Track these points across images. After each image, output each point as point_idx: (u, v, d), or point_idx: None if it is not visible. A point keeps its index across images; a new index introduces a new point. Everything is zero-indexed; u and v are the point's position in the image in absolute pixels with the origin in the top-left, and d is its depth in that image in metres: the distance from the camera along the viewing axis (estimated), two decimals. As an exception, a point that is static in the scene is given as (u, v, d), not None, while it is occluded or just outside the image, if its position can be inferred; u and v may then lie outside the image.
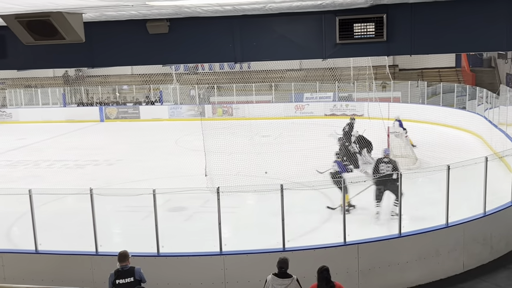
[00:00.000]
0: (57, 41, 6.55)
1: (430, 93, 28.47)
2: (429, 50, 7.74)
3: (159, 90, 34.29)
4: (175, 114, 31.57)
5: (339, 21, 7.04)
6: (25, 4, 5.58)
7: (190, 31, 7.57)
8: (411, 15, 7.10)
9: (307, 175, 16.14)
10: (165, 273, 9.24)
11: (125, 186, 15.14)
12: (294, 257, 8.10)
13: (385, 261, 9.57)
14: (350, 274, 9.29)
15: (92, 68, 8.48)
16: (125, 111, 32.56)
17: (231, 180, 14.40)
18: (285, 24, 7.44)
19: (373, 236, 9.82)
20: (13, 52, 8.18)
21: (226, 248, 9.33)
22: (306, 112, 29.86)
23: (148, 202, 9.57)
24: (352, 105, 29.40)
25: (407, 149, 17.34)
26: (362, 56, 8.04)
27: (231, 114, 30.66)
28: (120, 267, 7.59)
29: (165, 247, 9.48)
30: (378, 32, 6.97)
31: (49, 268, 9.57)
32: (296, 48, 7.50)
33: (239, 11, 6.96)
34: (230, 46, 7.65)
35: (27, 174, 18.62)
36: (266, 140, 21.31)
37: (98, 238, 9.54)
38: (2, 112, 34.06)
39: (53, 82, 37.78)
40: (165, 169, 18.05)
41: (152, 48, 7.70)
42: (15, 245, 11.19)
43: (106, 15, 7.03)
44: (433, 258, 9.82)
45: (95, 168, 19.16)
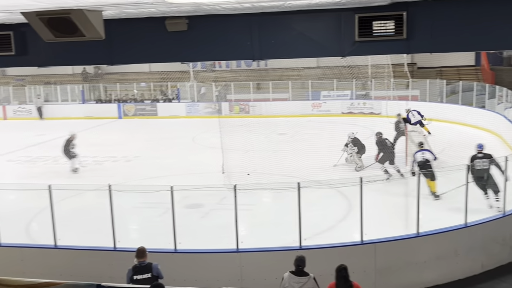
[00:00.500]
0: (77, 38, 6.61)
1: (449, 91, 28.17)
2: (449, 48, 7.66)
3: (177, 88, 34.41)
4: (192, 111, 31.67)
5: (358, 18, 6.99)
6: (46, 1, 5.64)
7: (208, 28, 7.59)
8: (432, 13, 7.03)
9: (324, 173, 16.12)
10: (182, 270, 9.29)
11: (143, 182, 15.25)
12: (311, 255, 8.10)
13: (403, 260, 9.52)
14: (367, 273, 9.25)
15: (111, 65, 8.54)
16: (143, 108, 32.73)
17: (247, 177, 14.42)
18: (303, 21, 7.42)
19: (391, 236, 9.76)
20: (33, 49, 8.27)
21: (242, 246, 9.36)
22: (323, 110, 29.73)
23: (165, 198, 9.63)
24: (370, 104, 29.22)
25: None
26: (381, 54, 7.97)
27: (248, 112, 30.66)
28: (138, 263, 7.66)
29: (182, 243, 9.54)
30: (397, 29, 6.91)
31: (67, 263, 9.69)
32: (315, 46, 7.47)
33: (257, 8, 6.96)
34: (248, 44, 7.65)
35: (47, 170, 18.84)
36: (283, 138, 21.29)
37: (116, 234, 9.62)
38: (22, 108, 34.47)
39: (72, 79, 38.12)
40: (182, 166, 18.13)
41: (170, 45, 7.72)
42: (34, 240, 11.33)
43: (125, 13, 7.07)
44: (452, 258, 9.74)
45: (113, 165, 19.31)
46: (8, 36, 8.09)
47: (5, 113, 34.30)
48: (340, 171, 16.30)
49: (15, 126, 30.11)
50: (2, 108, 34.57)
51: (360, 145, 17.04)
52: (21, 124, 31.21)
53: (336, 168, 16.81)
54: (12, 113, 34.22)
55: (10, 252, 9.97)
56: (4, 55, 8.22)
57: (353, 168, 16.79)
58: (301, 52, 7.78)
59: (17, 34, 8.10)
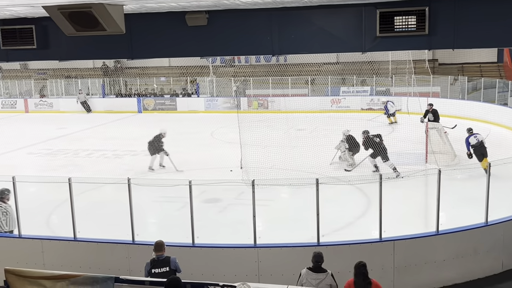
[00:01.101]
0: (98, 32, 6.66)
1: (471, 88, 27.80)
2: (472, 44, 7.56)
3: (196, 82, 34.51)
4: (211, 106, 31.74)
5: (380, 13, 6.93)
6: (68, -4, 5.68)
7: (228, 23, 7.58)
8: (454, 8, 6.94)
9: (343, 169, 16.04)
10: (200, 264, 9.32)
11: (162, 176, 15.34)
12: (329, 252, 8.06)
13: (422, 258, 9.42)
14: (385, 270, 9.18)
15: (132, 60, 8.58)
16: (162, 102, 32.89)
17: (266, 173, 14.41)
18: (324, 16, 7.37)
19: (410, 233, 9.67)
20: (55, 43, 8.36)
21: (260, 241, 9.35)
22: (342, 106, 29.56)
23: (183, 193, 9.65)
24: (390, 100, 28.96)
25: (446, 145, 17.00)
26: (402, 49, 7.90)
27: (266, 107, 30.63)
28: (156, 256, 7.70)
29: (200, 238, 9.56)
30: (419, 25, 6.84)
31: (87, 256, 9.78)
32: (335, 41, 7.42)
33: (278, 3, 6.93)
34: (268, 39, 7.63)
35: (67, 163, 19.04)
36: (302, 134, 21.23)
37: (135, 228, 9.68)
38: (44, 101, 34.89)
39: (93, 73, 38.44)
40: (201, 160, 18.18)
41: (190, 40, 7.73)
42: (54, 233, 11.45)
43: (146, 7, 7.10)
44: (471, 256, 9.62)
45: (132, 158, 19.43)
46: (30, 30, 8.19)
47: (27, 106, 34.74)
48: (337, 169, 16.11)
49: (36, 119, 30.48)
50: (24, 101, 35.02)
51: (353, 143, 16.79)
52: (42, 117, 31.58)
53: (333, 166, 16.66)
54: (33, 106, 34.66)
55: (30, 244, 10.10)
56: (26, 48, 8.32)
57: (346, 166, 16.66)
58: (321, 47, 7.74)
59: (39, 28, 8.19)
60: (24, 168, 17.52)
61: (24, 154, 20.92)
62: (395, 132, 21.66)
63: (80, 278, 6.70)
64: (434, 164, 15.29)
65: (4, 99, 36.12)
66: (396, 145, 17.68)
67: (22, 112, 34.27)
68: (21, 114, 33.94)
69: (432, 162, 15.87)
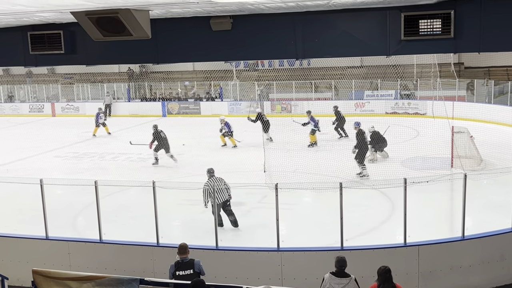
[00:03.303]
0: (124, 37, 6.76)
1: (497, 92, 27.39)
2: (498, 47, 7.47)
3: (220, 87, 34.69)
4: (235, 110, 31.86)
5: (405, 17, 6.90)
6: (95, 1, 5.79)
7: (252, 27, 7.62)
8: (480, 11, 6.87)
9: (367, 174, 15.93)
10: (223, 267, 9.36)
11: (186, 180, 15.43)
12: (352, 256, 8.03)
13: (447, 264, 9.32)
14: (410, 276, 9.10)
15: (157, 64, 8.69)
16: (187, 106, 33.13)
17: (289, 176, 14.41)
18: (348, 20, 7.37)
19: (435, 238, 9.57)
20: (82, 48, 8.51)
21: (283, 245, 9.35)
22: (366, 110, 29.37)
23: (207, 196, 9.72)
24: (415, 104, 28.72)
25: (472, 149, 16.77)
26: (427, 53, 7.83)
27: (289, 111, 30.61)
28: (180, 259, 7.76)
29: (223, 241, 9.61)
30: (445, 28, 6.79)
31: (112, 257, 9.90)
32: (359, 45, 7.41)
33: (302, 7, 6.95)
34: (292, 43, 7.65)
35: (93, 166, 19.30)
36: (325, 137, 21.18)
37: (159, 230, 9.77)
38: (70, 105, 35.42)
39: (119, 77, 38.92)
40: (224, 164, 18.25)
41: (215, 44, 7.80)
42: (80, 234, 11.63)
43: (171, 12, 7.19)
44: (498, 262, 9.47)
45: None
46: (59, 35, 8.35)
47: (54, 110, 35.34)
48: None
49: (63, 123, 30.96)
50: (51, 105, 35.63)
51: (378, 139, 17.24)
52: (69, 121, 32.06)
53: (377, 165, 16.71)
54: (60, 110, 35.24)
55: (57, 246, 10.26)
56: (54, 53, 8.48)
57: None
58: (345, 51, 7.73)
59: (67, 33, 8.34)
60: (51, 171, 17.83)
61: (51, 157, 21.26)
62: (421, 136, 21.45)
63: (106, 279, 6.80)
64: (460, 168, 15.11)
65: (32, 103, 36.78)
66: (421, 149, 17.54)
67: (49, 116, 34.86)
68: (49, 118, 34.52)
69: (458, 167, 15.68)
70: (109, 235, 10.15)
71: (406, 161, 17.46)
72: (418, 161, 17.12)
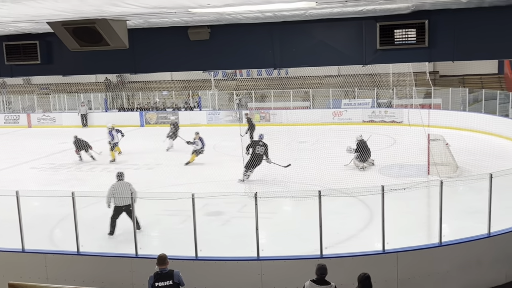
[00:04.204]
0: (101, 47, 6.73)
1: (472, 100, 27.87)
2: (471, 56, 7.63)
3: (198, 96, 34.66)
4: (213, 119, 31.84)
5: (380, 27, 7.00)
6: (72, 12, 5.76)
7: (230, 37, 7.66)
8: (454, 21, 7.01)
9: (345, 181, 16.04)
10: (203, 277, 9.32)
11: (164, 190, 15.35)
12: (332, 264, 8.06)
13: (425, 270, 9.42)
14: (388, 283, 9.17)
15: (135, 74, 8.66)
16: (165, 116, 33.00)
17: (268, 185, 14.43)
18: (325, 30, 7.45)
19: (413, 245, 9.67)
20: (59, 58, 8.44)
21: (263, 254, 9.35)
22: (344, 119, 29.62)
23: (186, 206, 9.68)
24: (391, 112, 29.05)
25: (448, 156, 17.02)
26: (403, 62, 7.97)
27: (268, 120, 30.70)
28: (159, 270, 7.71)
29: (203, 251, 9.57)
30: (419, 38, 6.91)
31: (90, 270, 9.78)
32: (336, 54, 7.49)
33: (279, 17, 7.01)
34: (269, 52, 7.71)
35: (70, 177, 19.07)
36: (304, 146, 21.26)
37: (138, 241, 9.70)
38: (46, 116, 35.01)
39: (96, 87, 38.63)
40: (203, 174, 18.22)
41: (193, 54, 7.82)
42: (57, 247, 11.47)
43: (149, 22, 7.18)
44: (475, 268, 9.61)
45: (135, 172, 19.44)
46: (34, 46, 8.28)
47: (30, 121, 34.88)
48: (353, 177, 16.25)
49: (39, 134, 30.56)
50: (27, 116, 35.17)
51: (363, 148, 17.73)
52: (45, 131, 31.65)
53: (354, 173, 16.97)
54: (36, 121, 34.79)
55: (34, 258, 10.11)
56: (30, 64, 8.40)
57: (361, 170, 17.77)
58: (322, 60, 7.81)
59: (43, 43, 8.28)
60: (27, 183, 17.55)
61: (27, 168, 20.96)
62: (397, 144, 21.70)
63: (84, 291, 6.72)
64: (436, 175, 15.31)
65: (7, 114, 36.28)
66: (398, 157, 17.75)
67: (25, 127, 34.39)
68: (24, 129, 34.05)
69: (434, 174, 15.89)
70: (87, 247, 10.04)
71: (384, 168, 17.65)
72: (395, 169, 17.31)
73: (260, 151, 16.93)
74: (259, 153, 16.89)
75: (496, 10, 6.79)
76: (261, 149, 16.96)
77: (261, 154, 16.91)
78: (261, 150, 16.94)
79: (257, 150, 16.91)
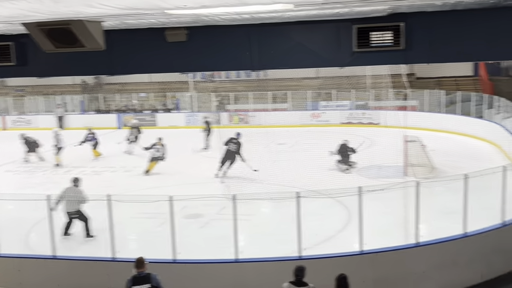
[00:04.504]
0: (77, 48, 6.64)
1: (448, 101, 28.26)
2: (446, 59, 7.73)
3: (176, 98, 34.49)
4: (192, 121, 31.70)
5: (357, 29, 7.04)
6: (46, 12, 5.67)
7: (208, 39, 7.63)
8: (429, 24, 7.08)
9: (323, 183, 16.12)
10: (181, 280, 9.27)
11: (142, 192, 15.24)
12: (310, 265, 8.09)
13: (402, 270, 9.51)
14: (366, 283, 9.24)
15: (111, 76, 8.58)
16: (142, 118, 32.75)
17: (247, 187, 14.42)
18: (302, 32, 7.47)
19: (390, 245, 9.75)
20: (33, 60, 8.31)
21: (242, 256, 9.34)
22: (322, 120, 29.77)
23: (164, 209, 9.63)
24: (369, 114, 29.28)
25: (424, 158, 17.23)
26: (379, 64, 8.01)
27: (247, 122, 30.69)
28: (137, 273, 7.64)
29: (181, 253, 9.52)
30: (395, 40, 6.96)
31: (66, 274, 9.66)
32: (313, 56, 7.52)
33: (256, 19, 7.00)
34: (247, 54, 7.70)
35: (45, 181, 18.80)
36: (282, 148, 21.31)
37: (115, 245, 9.60)
38: (21, 118, 34.47)
39: (72, 89, 38.13)
40: (181, 176, 18.12)
41: (170, 56, 7.77)
42: (32, 250, 11.29)
43: (125, 23, 7.12)
44: (451, 268, 9.73)
45: (112, 175, 19.29)
46: (8, 47, 8.14)
47: (5, 124, 34.32)
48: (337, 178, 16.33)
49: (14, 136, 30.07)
50: (1, 118, 34.58)
51: (344, 152, 17.92)
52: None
53: (333, 175, 17.11)
54: (11, 123, 34.24)
55: (7, 263, 9.95)
56: (4, 65, 8.26)
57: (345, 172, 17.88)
58: (299, 62, 7.83)
59: (17, 44, 8.15)
60: (1, 186, 17.24)
61: (1, 172, 20.62)
62: (375, 145, 21.87)
63: (60, 296, 6.63)
64: (413, 176, 15.47)
65: (-19, 116, 35.66)
66: (375, 158, 17.90)
67: (0, 130, 33.81)
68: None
69: (411, 175, 16.05)
70: (63, 251, 9.91)
71: (362, 170, 17.78)
72: (373, 170, 17.45)
73: (232, 148, 17.25)
74: (231, 150, 17.21)
75: (471, 13, 6.89)
76: (234, 146, 17.27)
77: (232, 151, 17.20)
78: (233, 148, 17.24)
79: (230, 147, 17.25)
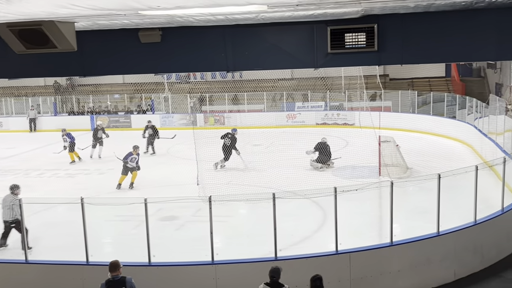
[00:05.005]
0: (49, 49, 6.55)
1: (421, 102, 28.64)
2: (419, 60, 7.83)
3: (151, 99, 34.25)
4: (167, 123, 31.52)
5: (331, 31, 7.10)
6: (17, 13, 5.57)
7: (182, 40, 7.60)
8: (402, 26, 7.17)
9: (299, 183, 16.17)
10: (157, 283, 9.20)
11: (116, 195, 15.09)
12: (286, 266, 8.11)
13: (377, 269, 9.59)
14: (342, 283, 9.29)
15: (84, 77, 8.48)
16: (117, 120, 32.45)
17: (222, 189, 14.38)
18: (277, 33, 7.49)
19: (365, 245, 9.83)
20: (4, 61, 8.15)
21: (218, 257, 9.31)
22: (297, 121, 29.90)
23: (139, 211, 9.53)
24: (344, 114, 29.51)
25: (398, 158, 17.42)
26: (353, 65, 8.09)
27: (223, 123, 30.64)
28: (111, 277, 7.55)
29: (157, 256, 9.44)
30: (369, 42, 7.03)
31: (39, 279, 9.50)
32: (288, 58, 7.54)
33: (231, 20, 6.99)
34: (222, 55, 7.68)
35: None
36: (258, 149, 21.31)
37: (89, 248, 9.48)
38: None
39: (44, 91, 37.59)
40: (156, 178, 17.99)
41: (144, 57, 7.71)
42: (3, 255, 11.07)
43: (98, 24, 7.03)
44: (425, 266, 9.85)
45: (86, 177, 19.05)
46: (-22, 48, 7.96)
47: (-25, 126, 33.65)
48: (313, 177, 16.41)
49: (-15, 139, 29.51)
50: (-28, 120, 33.90)
51: (323, 151, 18.33)
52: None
53: (309, 175, 17.15)
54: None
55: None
56: (-26, 66, 8.10)
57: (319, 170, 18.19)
58: (274, 63, 7.85)
59: (-13, 45, 7.98)
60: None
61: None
62: (350, 145, 22.04)
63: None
64: (387, 176, 15.63)
65: (-50, 118, 34.88)
66: (350, 158, 18.03)
67: (-30, 132, 33.15)
68: (-31, 134, 32.81)
69: (385, 175, 16.22)
70: (36, 255, 9.75)
71: (337, 170, 17.90)
72: (348, 170, 17.58)
73: (226, 142, 18.70)
74: (225, 144, 18.65)
75: (443, 15, 6.99)
76: (228, 141, 18.63)
77: (227, 146, 18.47)
78: (227, 142, 18.60)
79: (225, 141, 18.67)
